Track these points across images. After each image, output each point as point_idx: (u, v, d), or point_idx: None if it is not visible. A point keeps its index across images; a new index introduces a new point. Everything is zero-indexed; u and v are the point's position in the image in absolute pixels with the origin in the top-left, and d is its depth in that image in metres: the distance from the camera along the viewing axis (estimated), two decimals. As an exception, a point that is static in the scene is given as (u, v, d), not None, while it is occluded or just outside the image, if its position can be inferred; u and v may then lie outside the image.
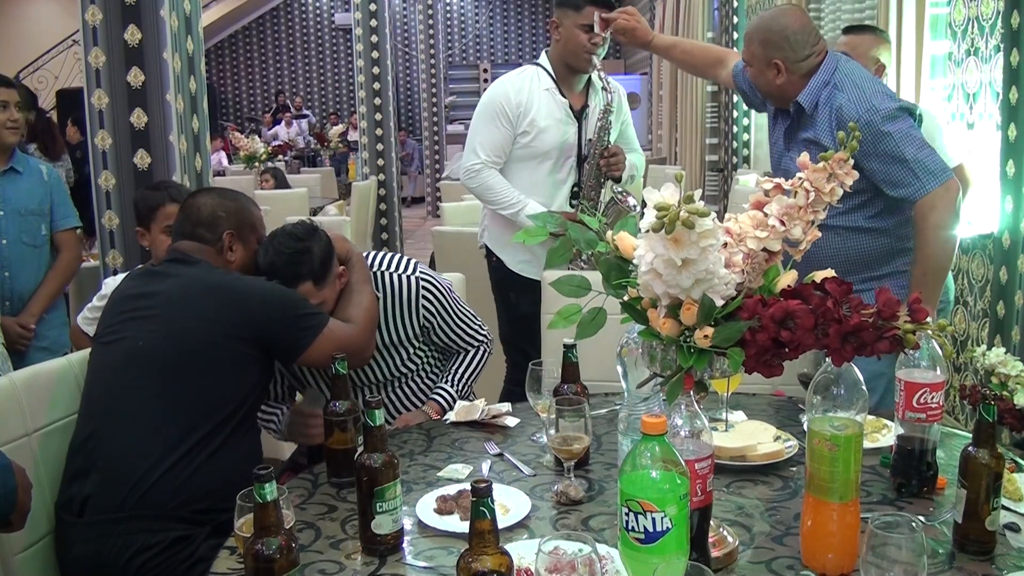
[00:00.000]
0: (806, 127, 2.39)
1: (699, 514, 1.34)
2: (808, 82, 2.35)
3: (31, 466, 1.83)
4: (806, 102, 2.36)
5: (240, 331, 1.94)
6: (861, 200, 2.35)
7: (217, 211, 2.10)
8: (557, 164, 3.05)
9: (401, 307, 2.27)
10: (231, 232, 2.10)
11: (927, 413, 1.61)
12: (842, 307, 1.30)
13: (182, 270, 2.02)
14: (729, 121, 7.82)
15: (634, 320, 1.43)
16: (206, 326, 1.92)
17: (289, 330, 1.99)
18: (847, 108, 2.27)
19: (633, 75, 12.85)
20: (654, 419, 1.23)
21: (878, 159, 2.25)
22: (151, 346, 1.92)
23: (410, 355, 2.32)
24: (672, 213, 1.27)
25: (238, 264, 2.11)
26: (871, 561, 1.20)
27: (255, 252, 2.13)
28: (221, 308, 1.94)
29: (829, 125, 2.32)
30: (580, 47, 2.96)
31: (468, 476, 1.80)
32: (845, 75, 2.34)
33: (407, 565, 1.47)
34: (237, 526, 1.47)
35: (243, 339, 1.94)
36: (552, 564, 1.20)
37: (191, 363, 1.90)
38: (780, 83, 2.37)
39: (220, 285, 1.99)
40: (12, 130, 3.11)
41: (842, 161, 1.38)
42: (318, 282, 2.09)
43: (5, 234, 3.07)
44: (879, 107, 2.26)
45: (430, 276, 2.32)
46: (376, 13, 8.21)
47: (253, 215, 2.18)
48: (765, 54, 2.37)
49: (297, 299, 2.03)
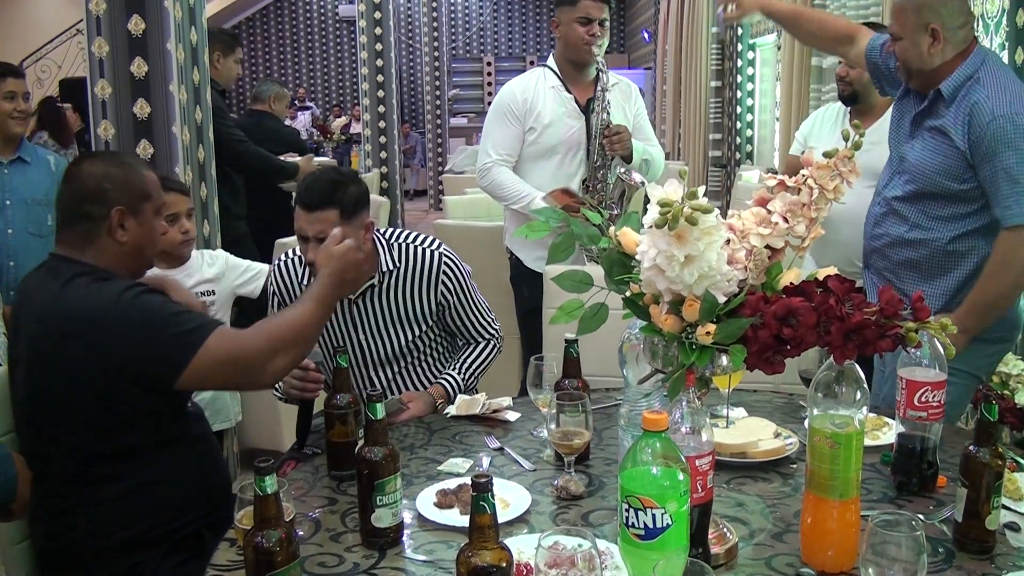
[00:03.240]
0: (937, 115, 2.28)
1: (699, 510, 1.34)
2: (956, 67, 2.25)
3: (31, 456, 1.83)
4: (947, 90, 2.24)
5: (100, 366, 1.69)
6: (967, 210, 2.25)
7: (103, 183, 1.80)
8: (566, 158, 3.12)
9: (421, 280, 2.28)
10: (120, 208, 1.79)
11: (928, 412, 1.61)
12: (844, 305, 1.30)
13: (48, 287, 1.75)
14: (733, 117, 7.81)
15: (636, 316, 1.43)
16: (68, 370, 1.70)
17: (153, 353, 1.69)
18: (983, 105, 2.15)
19: (637, 69, 12.82)
20: (655, 415, 1.23)
21: (990, 167, 2.14)
22: (25, 396, 1.77)
23: (418, 335, 2.32)
24: (675, 209, 1.27)
25: (132, 243, 1.82)
26: (871, 559, 1.20)
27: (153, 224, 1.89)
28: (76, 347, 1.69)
29: (961, 118, 2.20)
30: (579, 39, 3.06)
31: (468, 470, 1.80)
32: (991, 72, 2.23)
33: (407, 559, 1.47)
34: (237, 518, 1.47)
35: (106, 372, 1.69)
36: (552, 559, 1.20)
37: (75, 406, 1.71)
38: (933, 54, 2.25)
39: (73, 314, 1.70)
40: (19, 120, 3.11)
41: (847, 159, 1.38)
42: (344, 215, 2.06)
43: (11, 224, 3.07)
44: (1016, 115, 2.14)
45: (453, 255, 2.34)
46: (380, 5, 8.19)
47: (146, 180, 1.86)
48: (919, 19, 2.25)
49: (164, 314, 1.72)
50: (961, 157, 2.19)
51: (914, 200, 2.30)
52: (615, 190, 3.07)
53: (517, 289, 3.34)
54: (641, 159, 3.14)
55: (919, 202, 2.29)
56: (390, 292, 2.29)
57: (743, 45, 7.47)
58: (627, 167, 3.08)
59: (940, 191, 2.25)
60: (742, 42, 7.48)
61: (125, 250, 1.81)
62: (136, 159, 2.06)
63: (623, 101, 3.21)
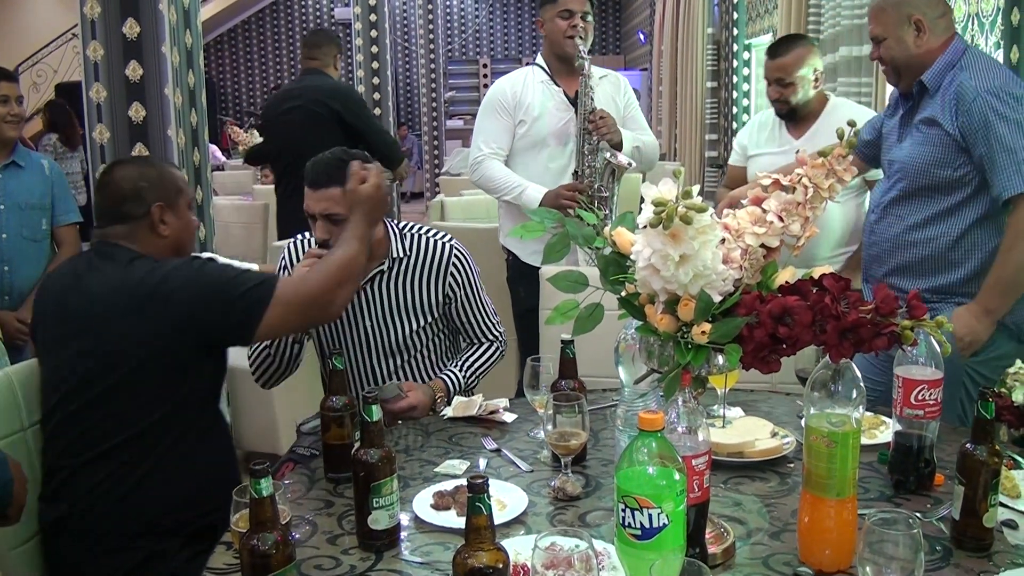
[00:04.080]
0: (923, 109, 2.30)
1: (696, 510, 1.34)
2: (936, 58, 2.27)
3: (27, 461, 1.83)
4: (930, 80, 2.27)
5: (173, 339, 1.80)
6: (961, 197, 2.24)
7: (139, 182, 1.93)
8: (556, 150, 3.16)
9: (429, 270, 2.29)
10: (160, 204, 1.93)
11: (925, 410, 1.61)
12: (840, 303, 1.30)
13: (105, 269, 1.87)
14: (728, 117, 7.81)
15: (632, 316, 1.43)
16: (133, 346, 1.79)
17: (230, 313, 1.81)
18: (967, 84, 2.17)
19: (633, 70, 12.83)
20: (651, 415, 1.23)
21: (984, 143, 2.13)
22: (81, 373, 1.81)
23: (423, 326, 2.32)
24: (670, 208, 1.26)
25: (173, 235, 1.97)
26: (868, 558, 1.20)
27: (188, 216, 2.03)
28: (146, 320, 1.79)
29: (948, 103, 2.21)
30: (561, 33, 3.15)
31: (465, 472, 1.79)
32: (972, 57, 2.25)
33: (404, 561, 1.47)
34: (233, 521, 1.47)
35: (180, 344, 1.81)
36: (549, 560, 1.20)
37: (127, 384, 1.80)
38: (919, 44, 2.27)
39: (141, 290, 1.80)
40: (13, 124, 3.11)
41: (841, 157, 1.38)
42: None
43: (5, 228, 3.06)
44: (1004, 88, 2.15)
45: (462, 248, 2.36)
46: (376, 8, 8.19)
47: (177, 178, 2.03)
48: (901, 14, 2.28)
49: (229, 278, 1.84)
50: (953, 143, 2.20)
51: (908, 198, 2.30)
52: (605, 172, 3.09)
53: (514, 290, 3.36)
54: (632, 147, 3.17)
55: (913, 199, 2.29)
56: (398, 280, 2.30)
57: (739, 45, 7.48)
58: (614, 152, 3.10)
59: (933, 183, 2.25)
60: (737, 42, 7.48)
61: (167, 243, 1.95)
62: (162, 160, 2.13)
63: (613, 93, 3.25)
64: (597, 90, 3.17)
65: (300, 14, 16.35)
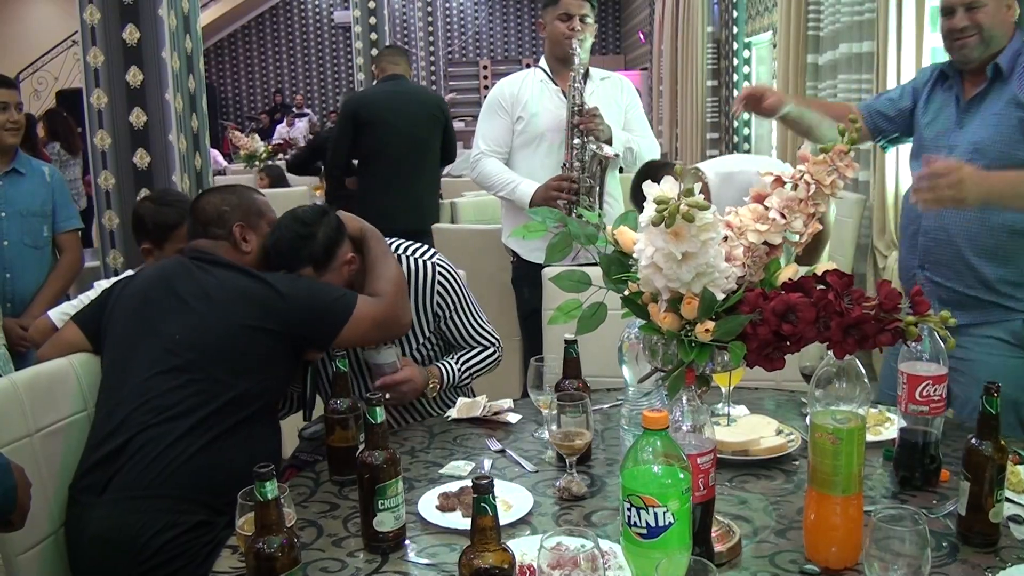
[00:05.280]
0: (999, 94, 2.27)
1: (702, 509, 1.34)
2: (1009, 41, 2.26)
3: (33, 466, 1.83)
4: (1005, 63, 2.26)
5: (271, 334, 1.99)
6: None
7: (221, 207, 2.15)
8: (553, 145, 3.18)
9: (416, 290, 2.28)
10: (240, 224, 2.14)
11: (930, 406, 1.61)
12: (843, 299, 1.30)
13: (211, 269, 2.06)
14: (729, 116, 7.81)
15: (635, 315, 1.43)
16: (239, 329, 1.97)
17: (319, 322, 2.03)
18: None
19: (633, 71, 12.84)
20: (656, 414, 1.23)
21: None
22: (189, 341, 1.96)
23: (416, 347, 2.31)
24: (672, 207, 1.26)
25: (254, 252, 2.15)
26: (874, 554, 1.20)
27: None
28: (253, 312, 1.98)
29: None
30: (560, 35, 3.17)
31: (470, 473, 1.79)
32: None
33: (409, 562, 1.47)
34: (239, 525, 1.47)
35: (275, 339, 1.99)
36: (554, 560, 1.20)
37: (225, 360, 1.95)
38: (1008, 19, 2.27)
39: (249, 289, 2.02)
40: (12, 131, 3.10)
41: (843, 153, 1.37)
42: (319, 268, 2.10)
43: (7, 235, 3.06)
44: None
45: (446, 264, 2.35)
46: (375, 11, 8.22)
47: (257, 201, 2.22)
48: None
49: (320, 289, 2.06)
50: None
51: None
52: (592, 164, 3.10)
53: (518, 291, 3.37)
54: (625, 147, 3.18)
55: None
56: None
57: (739, 43, 7.48)
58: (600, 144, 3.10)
59: (1015, 163, 2.20)
60: (738, 40, 7.48)
61: (250, 259, 2.14)
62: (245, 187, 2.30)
63: (615, 94, 3.26)
64: (597, 91, 3.19)
65: (300, 18, 16.37)
